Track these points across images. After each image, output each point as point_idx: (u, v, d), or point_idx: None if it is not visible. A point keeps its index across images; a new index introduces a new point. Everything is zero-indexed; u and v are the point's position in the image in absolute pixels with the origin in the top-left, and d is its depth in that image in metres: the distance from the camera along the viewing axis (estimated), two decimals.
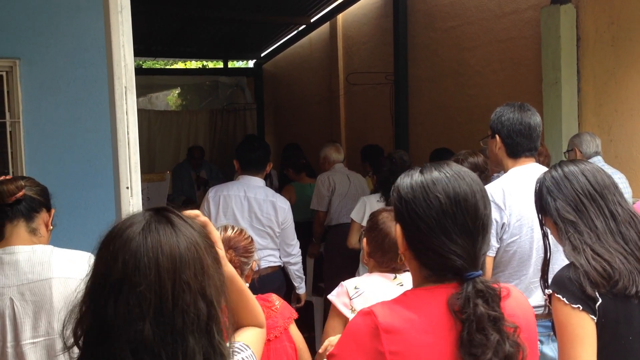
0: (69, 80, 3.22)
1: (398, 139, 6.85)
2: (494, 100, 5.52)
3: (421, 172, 1.40)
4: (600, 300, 1.70)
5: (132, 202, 2.18)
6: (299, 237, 4.02)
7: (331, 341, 1.62)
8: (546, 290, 1.80)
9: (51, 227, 2.17)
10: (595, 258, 1.74)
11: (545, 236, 2.03)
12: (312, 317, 5.31)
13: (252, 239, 2.32)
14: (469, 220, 1.34)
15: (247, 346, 1.38)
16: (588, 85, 4.67)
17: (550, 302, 1.79)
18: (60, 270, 2.00)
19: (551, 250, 2.05)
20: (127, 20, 2.15)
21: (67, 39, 3.21)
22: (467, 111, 5.94)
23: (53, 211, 2.19)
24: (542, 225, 2.01)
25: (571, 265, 1.78)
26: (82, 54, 3.22)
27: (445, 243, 1.32)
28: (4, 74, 3.12)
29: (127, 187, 2.16)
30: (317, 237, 5.35)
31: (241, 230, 2.29)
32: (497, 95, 5.52)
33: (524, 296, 1.49)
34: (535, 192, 2.00)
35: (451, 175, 1.37)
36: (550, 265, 2.06)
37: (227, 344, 1.12)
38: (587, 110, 4.67)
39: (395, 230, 1.41)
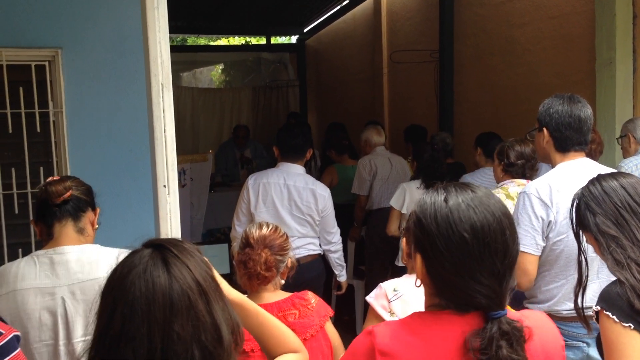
0: (109, 70, 3.24)
1: (442, 118, 6.68)
2: (544, 80, 5.34)
3: (445, 200, 1.30)
4: None
5: (169, 200, 2.18)
6: (340, 219, 3.97)
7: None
8: (593, 307, 1.72)
9: (96, 226, 2.20)
10: None
11: (581, 252, 1.95)
12: (354, 300, 5.31)
13: (287, 237, 2.29)
14: (498, 261, 1.26)
15: None
16: None
17: (597, 319, 1.72)
18: (108, 270, 2.02)
19: (589, 265, 1.98)
20: (163, 16, 2.13)
21: (107, 28, 3.22)
22: (515, 91, 5.73)
23: (98, 210, 2.21)
24: (578, 241, 1.94)
25: (617, 281, 1.71)
26: (122, 44, 3.23)
27: (470, 284, 1.25)
28: (46, 63, 3.16)
29: (164, 186, 2.16)
30: (359, 221, 5.32)
31: (276, 228, 2.27)
32: (547, 74, 5.30)
33: (552, 331, 1.39)
34: (572, 208, 1.93)
35: (480, 209, 1.27)
36: (599, 282, 1.96)
37: None
38: None
39: (415, 259, 1.33)
